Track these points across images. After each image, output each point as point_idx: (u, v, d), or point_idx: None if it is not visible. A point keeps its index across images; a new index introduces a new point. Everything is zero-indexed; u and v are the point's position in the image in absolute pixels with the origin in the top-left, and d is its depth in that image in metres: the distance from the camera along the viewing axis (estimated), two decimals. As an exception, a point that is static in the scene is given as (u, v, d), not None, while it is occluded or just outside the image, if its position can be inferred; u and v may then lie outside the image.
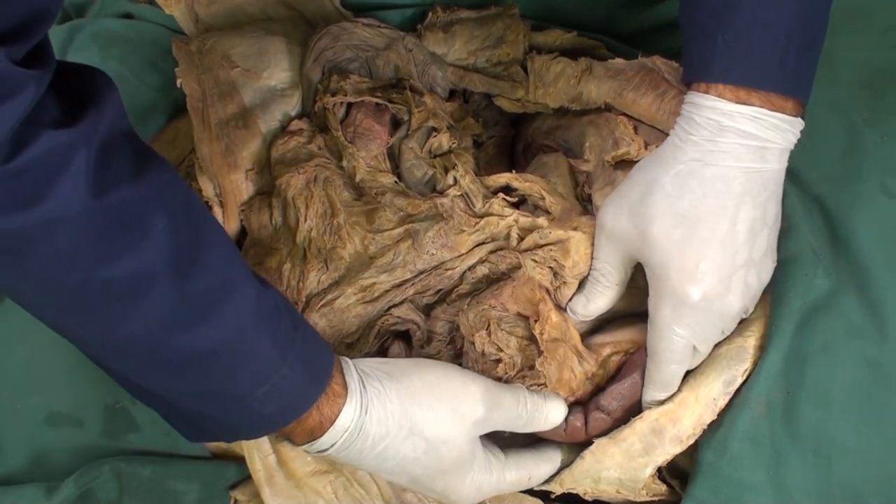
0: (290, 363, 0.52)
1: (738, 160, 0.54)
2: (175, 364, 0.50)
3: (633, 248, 0.58)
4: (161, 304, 0.47)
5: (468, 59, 0.74)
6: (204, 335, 0.49)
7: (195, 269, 0.49)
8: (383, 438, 0.55)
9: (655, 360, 0.59)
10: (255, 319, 0.51)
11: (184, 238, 0.49)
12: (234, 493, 0.67)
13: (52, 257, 0.45)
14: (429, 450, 0.56)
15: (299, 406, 0.53)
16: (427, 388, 0.57)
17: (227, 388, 0.51)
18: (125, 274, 0.46)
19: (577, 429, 0.61)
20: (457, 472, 0.58)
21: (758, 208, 0.55)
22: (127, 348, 0.50)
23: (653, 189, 0.56)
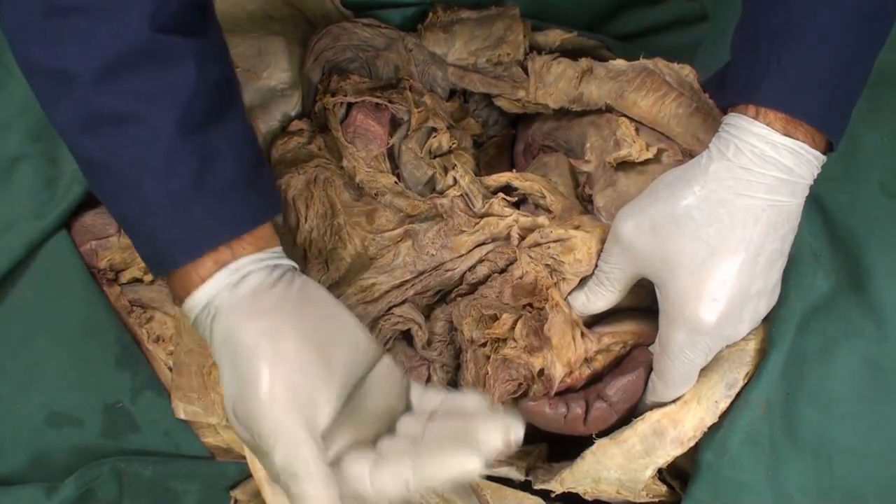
0: (170, 215, 0.51)
1: (771, 193, 0.54)
2: (86, 166, 0.53)
3: (647, 265, 0.58)
4: (75, 103, 0.50)
5: (468, 59, 0.73)
6: (100, 147, 0.51)
7: (117, 86, 0.50)
8: (214, 352, 0.52)
9: (663, 379, 0.59)
10: (151, 156, 0.51)
11: (122, 53, 0.50)
12: (235, 493, 0.67)
13: (11, 22, 0.51)
14: (242, 393, 0.50)
15: (165, 261, 0.53)
16: (241, 356, 0.50)
17: (116, 209, 0.54)
18: (53, 62, 0.50)
19: (578, 416, 0.60)
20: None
21: (778, 240, 0.55)
22: (59, 132, 0.53)
23: (681, 214, 0.56)
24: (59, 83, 0.50)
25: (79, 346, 0.66)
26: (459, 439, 0.48)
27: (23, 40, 0.51)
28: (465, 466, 0.46)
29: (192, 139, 0.51)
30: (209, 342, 0.53)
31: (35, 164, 0.70)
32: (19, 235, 0.67)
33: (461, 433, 0.48)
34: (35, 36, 0.50)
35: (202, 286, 0.52)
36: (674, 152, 0.66)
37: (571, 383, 0.61)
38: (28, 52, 0.51)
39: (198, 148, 0.52)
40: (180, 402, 0.66)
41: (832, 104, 0.53)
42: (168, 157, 0.51)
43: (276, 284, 0.52)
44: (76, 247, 0.68)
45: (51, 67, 0.50)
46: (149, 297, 0.68)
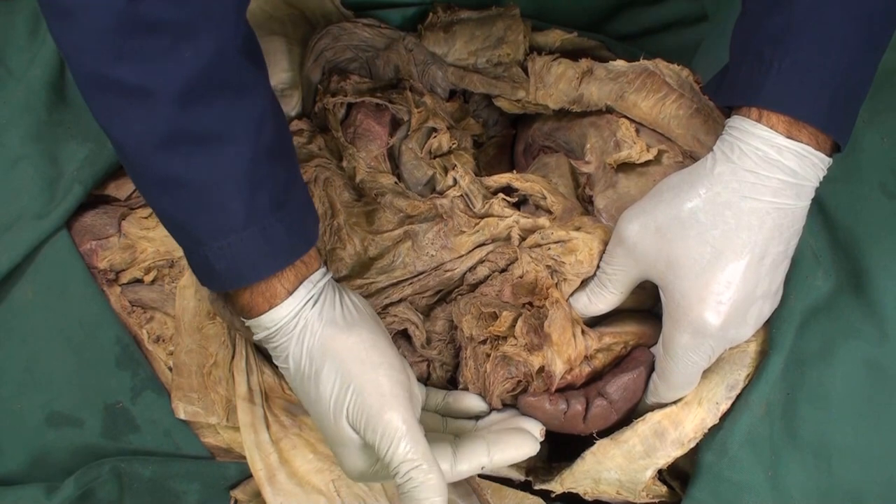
0: (251, 233, 0.54)
1: (776, 196, 0.54)
2: (154, 181, 0.53)
3: (651, 267, 0.58)
4: (154, 121, 0.50)
5: (468, 59, 0.73)
6: (179, 163, 0.51)
7: (201, 106, 0.51)
8: (296, 364, 0.57)
9: (666, 381, 0.59)
10: (236, 177, 0.52)
11: (206, 74, 0.50)
12: (235, 493, 0.67)
13: (81, 39, 0.49)
14: (319, 408, 0.56)
15: (245, 276, 0.55)
16: (352, 362, 0.56)
17: (189, 225, 0.54)
18: (133, 79, 0.49)
19: (578, 413, 0.60)
20: (340, 446, 0.57)
21: (783, 243, 0.55)
22: (122, 152, 0.53)
23: (684, 215, 0.56)
24: (135, 100, 0.50)
25: (79, 346, 0.66)
26: (517, 430, 0.60)
27: (92, 53, 0.49)
28: (530, 449, 0.59)
29: (269, 163, 0.54)
30: (291, 350, 0.57)
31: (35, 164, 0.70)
32: (19, 235, 0.67)
33: (515, 426, 0.61)
34: (111, 50, 0.49)
35: (289, 298, 0.56)
36: (674, 154, 0.66)
37: (571, 380, 0.61)
38: (98, 65, 0.49)
39: (275, 171, 0.55)
40: (180, 402, 0.66)
41: (836, 106, 0.53)
42: (251, 177, 0.53)
43: (342, 297, 0.59)
44: (76, 247, 0.68)
45: (128, 83, 0.49)
46: (149, 298, 0.68)
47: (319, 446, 0.64)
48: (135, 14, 0.48)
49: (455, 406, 0.65)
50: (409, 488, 0.52)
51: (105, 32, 0.48)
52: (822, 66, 0.52)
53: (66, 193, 0.68)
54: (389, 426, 0.53)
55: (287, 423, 0.65)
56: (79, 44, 0.49)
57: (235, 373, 0.66)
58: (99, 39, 0.48)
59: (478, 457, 0.58)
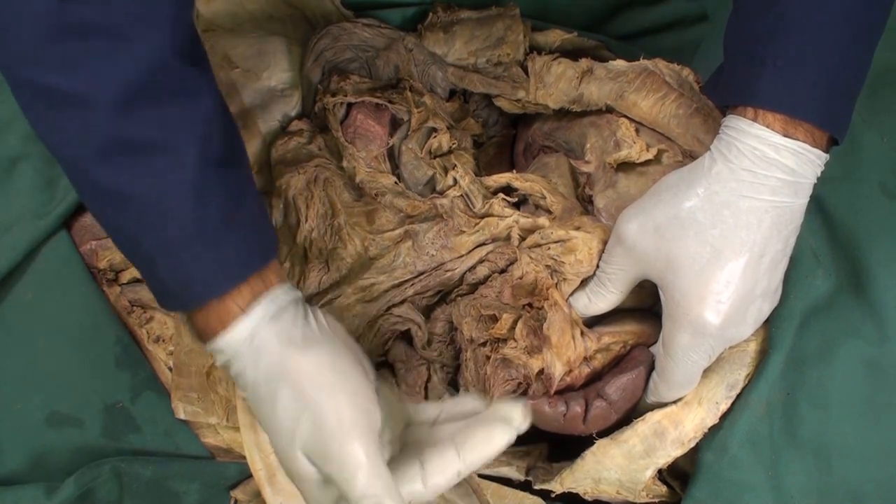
0: (202, 247, 0.50)
1: (774, 194, 0.53)
2: (97, 196, 0.50)
3: (651, 267, 0.58)
4: (92, 130, 0.48)
5: (468, 59, 0.73)
6: (122, 175, 0.49)
7: (140, 113, 0.48)
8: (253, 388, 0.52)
9: (666, 381, 0.59)
10: (181, 188, 0.49)
11: (145, 79, 0.48)
12: (235, 493, 0.67)
13: (13, 48, 0.47)
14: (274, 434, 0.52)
15: (196, 296, 0.51)
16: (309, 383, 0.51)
17: (136, 241, 0.51)
18: (67, 86, 0.47)
19: (578, 415, 0.60)
20: (295, 475, 0.52)
21: (781, 241, 0.55)
22: (63, 164, 0.50)
23: (683, 214, 0.56)
24: (71, 108, 0.47)
25: (79, 346, 0.67)
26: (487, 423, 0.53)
27: (26, 61, 0.47)
28: (504, 438, 0.52)
29: (217, 172, 0.51)
30: (247, 375, 0.52)
31: (35, 164, 0.70)
32: (19, 235, 0.68)
33: (486, 419, 0.54)
34: (44, 57, 0.47)
35: (244, 318, 0.51)
36: (674, 153, 0.66)
37: (571, 382, 0.61)
38: (32, 73, 0.47)
39: (224, 181, 0.51)
40: (180, 402, 0.66)
41: (832, 101, 0.53)
42: (197, 188, 0.50)
43: (307, 315, 0.53)
44: (76, 247, 0.68)
45: (62, 91, 0.47)
46: (149, 298, 0.68)
47: (319, 446, 0.64)
48: (65, 18, 0.46)
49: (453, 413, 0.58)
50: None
51: (37, 38, 0.46)
52: (815, 62, 0.52)
53: (66, 193, 0.68)
54: (348, 458, 0.49)
55: (287, 423, 0.65)
56: (12, 51, 0.47)
57: (235, 373, 0.66)
58: (32, 46, 0.46)
59: (449, 464, 0.52)
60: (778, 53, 0.52)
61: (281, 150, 0.70)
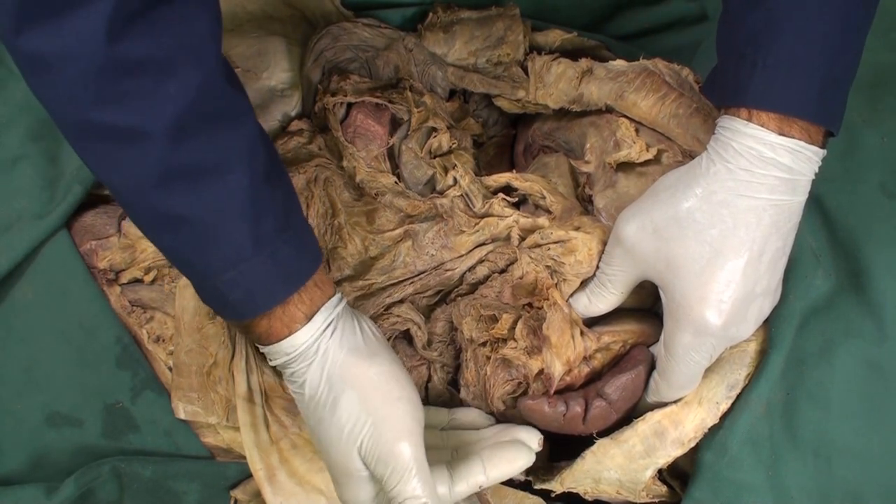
0: (261, 259, 0.54)
1: (772, 192, 0.54)
2: (156, 221, 0.53)
3: (650, 267, 0.58)
4: (148, 160, 0.50)
5: (468, 59, 0.73)
6: (180, 201, 0.51)
7: (193, 140, 0.51)
8: (312, 389, 0.57)
9: (668, 381, 0.59)
10: (238, 206, 0.53)
11: (194, 107, 0.50)
12: (235, 493, 0.67)
13: (63, 88, 0.48)
14: (330, 437, 0.56)
15: (260, 303, 0.55)
16: (370, 389, 0.56)
17: (197, 260, 0.54)
18: (122, 122, 0.49)
19: (577, 415, 0.60)
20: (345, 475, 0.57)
21: (781, 239, 0.55)
22: (118, 195, 0.53)
23: (682, 214, 0.56)
24: (126, 142, 0.50)
25: (79, 346, 0.66)
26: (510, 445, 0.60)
27: (77, 101, 0.49)
28: (525, 461, 0.59)
29: (268, 188, 0.54)
30: (309, 377, 0.57)
31: (35, 164, 0.70)
32: (19, 235, 0.67)
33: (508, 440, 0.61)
34: (95, 96, 0.48)
35: (308, 324, 0.56)
36: (674, 153, 0.66)
37: (571, 381, 0.61)
38: (83, 112, 0.49)
39: (273, 195, 0.55)
40: (180, 402, 0.66)
41: (824, 96, 0.53)
42: (253, 205, 0.53)
43: (360, 323, 0.59)
44: (76, 247, 0.68)
45: (116, 126, 0.49)
46: (149, 297, 0.68)
47: (319, 446, 0.64)
48: (115, 56, 0.47)
49: (461, 421, 0.66)
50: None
51: (87, 79, 0.48)
52: (805, 58, 0.52)
53: (66, 193, 0.68)
54: (401, 461, 0.54)
55: (287, 422, 0.65)
56: (61, 95, 0.49)
57: (235, 372, 0.66)
58: (82, 87, 0.48)
59: (474, 476, 0.59)
60: (768, 52, 0.52)
61: (281, 149, 0.70)
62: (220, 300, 0.56)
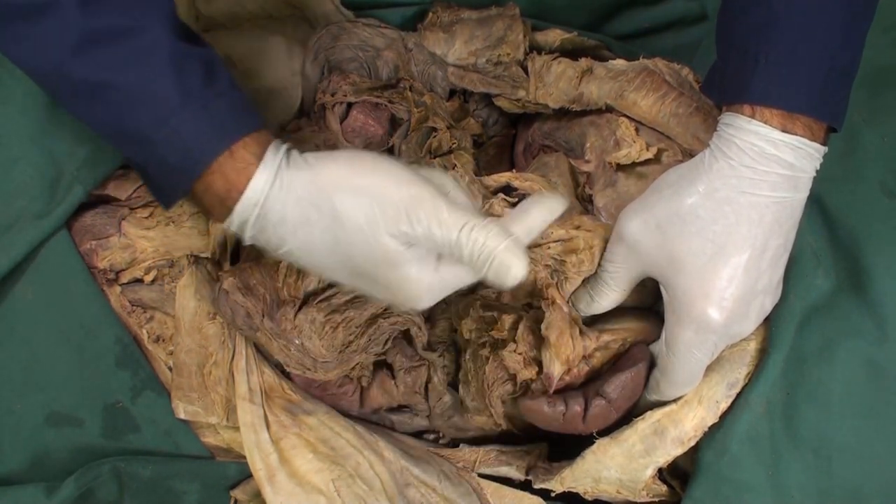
0: (192, 111, 0.52)
1: (774, 189, 0.54)
2: (80, 94, 0.53)
3: (653, 264, 0.58)
4: (62, 31, 0.50)
5: (468, 59, 0.73)
6: (100, 66, 0.51)
7: (105, 3, 0.51)
8: (304, 225, 0.53)
9: (668, 379, 0.59)
10: (161, 62, 0.52)
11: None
12: (235, 493, 0.67)
13: None
14: (352, 243, 0.53)
15: (200, 157, 0.53)
16: (355, 177, 0.53)
17: (131, 125, 0.53)
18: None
19: (577, 414, 0.60)
20: (395, 269, 0.53)
21: (782, 236, 0.55)
22: (40, 75, 0.53)
23: (684, 211, 0.56)
24: (37, 15, 0.50)
25: (79, 346, 0.66)
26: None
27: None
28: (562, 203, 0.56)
29: (189, 47, 0.54)
30: (289, 211, 0.53)
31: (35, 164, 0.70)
32: (19, 235, 0.67)
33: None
34: None
35: (262, 164, 0.53)
36: (674, 152, 0.66)
37: (570, 381, 0.61)
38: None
39: (197, 54, 0.54)
40: (180, 401, 0.66)
41: (827, 92, 0.53)
42: (174, 60, 0.52)
43: (306, 153, 0.55)
44: (76, 247, 0.68)
45: (27, 2, 0.50)
46: (149, 297, 0.68)
47: (319, 446, 0.64)
48: None
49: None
50: (478, 250, 0.51)
51: None
52: (807, 54, 0.52)
53: (66, 193, 0.68)
54: (424, 205, 0.51)
55: (287, 422, 0.65)
56: None
57: (235, 372, 0.66)
58: None
59: (525, 219, 0.55)
60: (770, 49, 0.53)
61: (281, 149, 0.70)
62: (163, 170, 0.54)
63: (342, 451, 0.64)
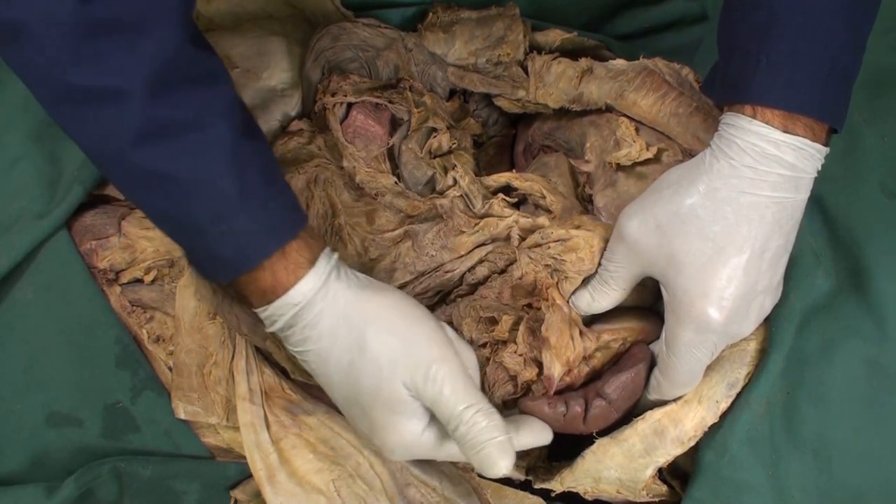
0: (251, 211, 0.53)
1: (775, 190, 0.54)
2: (139, 181, 0.53)
3: (653, 264, 0.58)
4: (129, 118, 0.50)
5: (468, 59, 0.73)
6: (164, 157, 0.52)
7: (172, 96, 0.51)
8: (329, 336, 0.55)
9: (669, 378, 0.59)
10: (223, 159, 0.53)
11: (174, 64, 0.51)
12: (235, 493, 0.67)
13: (38, 53, 0.49)
14: (364, 374, 0.55)
15: (253, 255, 0.54)
16: (395, 316, 0.56)
17: (186, 217, 0.54)
18: (101, 81, 0.49)
19: (578, 415, 0.60)
20: (388, 416, 0.55)
21: (783, 236, 0.55)
22: (100, 157, 0.53)
23: (684, 211, 0.55)
24: (105, 101, 0.50)
25: (79, 346, 0.66)
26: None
27: (53, 64, 0.49)
28: (547, 437, 0.60)
29: (250, 142, 0.54)
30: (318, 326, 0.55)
31: (35, 164, 0.70)
32: (19, 235, 0.68)
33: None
34: (71, 57, 0.49)
35: (313, 269, 0.55)
36: (674, 152, 0.66)
37: (571, 381, 0.61)
38: (62, 77, 0.49)
39: (257, 150, 0.55)
40: (180, 401, 0.66)
41: (829, 92, 0.53)
42: (236, 157, 0.53)
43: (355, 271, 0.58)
44: (76, 247, 0.68)
45: (93, 86, 0.49)
46: (149, 297, 0.68)
47: (319, 446, 0.64)
48: (88, 17, 0.48)
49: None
50: (475, 432, 0.53)
51: (62, 41, 0.48)
52: (809, 55, 0.52)
53: (66, 193, 0.68)
54: (445, 369, 0.53)
55: (287, 422, 0.65)
56: (35, 59, 0.49)
57: (235, 373, 0.66)
58: (58, 49, 0.48)
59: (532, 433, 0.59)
60: (772, 49, 0.53)
61: (281, 150, 0.70)
62: (212, 259, 0.55)
63: (342, 451, 0.64)
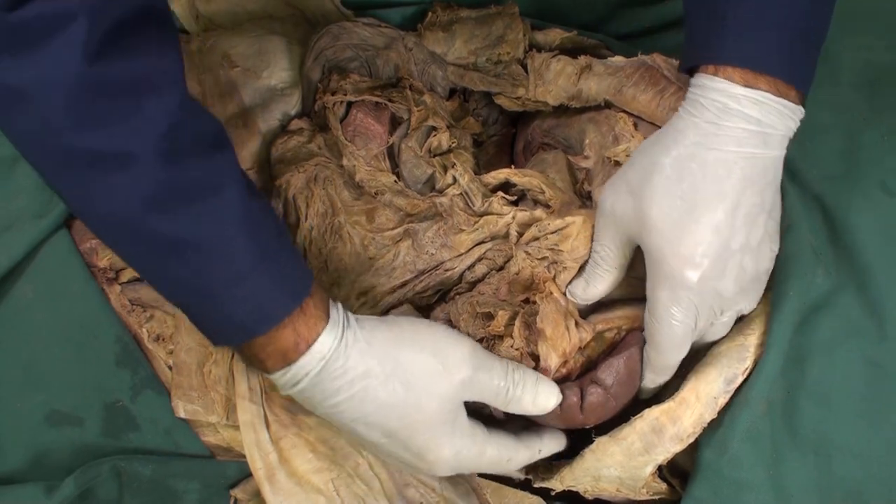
0: (267, 270, 0.53)
1: (740, 145, 0.54)
2: (152, 248, 0.51)
3: (631, 230, 0.58)
4: (140, 183, 0.49)
5: (468, 58, 0.74)
6: (179, 223, 0.50)
7: (185, 160, 0.50)
8: (363, 377, 0.55)
9: (654, 345, 0.59)
10: (238, 220, 0.52)
11: (180, 126, 0.50)
12: (235, 492, 0.67)
13: (44, 117, 0.47)
14: (408, 398, 0.55)
15: (272, 315, 0.53)
16: (415, 336, 0.57)
17: (201, 282, 0.52)
18: (109, 145, 0.48)
19: (574, 405, 0.60)
20: (436, 431, 0.56)
21: (756, 195, 0.55)
22: (107, 225, 0.51)
23: (653, 171, 0.56)
24: (115, 165, 0.48)
25: (79, 346, 0.67)
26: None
27: (59, 130, 0.47)
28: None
29: (258, 202, 0.54)
30: (347, 373, 0.55)
31: (35, 163, 0.70)
32: (19, 235, 0.68)
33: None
34: (78, 121, 0.47)
35: (330, 321, 0.55)
36: (673, 148, 0.66)
37: (567, 373, 0.61)
38: (69, 141, 0.47)
39: (264, 208, 0.55)
40: (180, 400, 0.66)
41: (791, 52, 0.53)
42: (249, 219, 0.52)
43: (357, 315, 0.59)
44: (76, 246, 0.68)
45: (102, 150, 0.48)
46: (149, 296, 0.68)
47: (319, 446, 0.64)
48: (93, 79, 0.47)
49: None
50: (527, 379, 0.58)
51: (67, 104, 0.46)
52: (772, 15, 0.53)
53: (66, 193, 0.68)
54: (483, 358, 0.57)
55: (287, 422, 0.65)
56: (40, 125, 0.47)
57: (235, 371, 0.66)
58: (63, 113, 0.47)
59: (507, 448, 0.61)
60: (735, 11, 0.53)
61: (280, 148, 0.70)
62: (224, 323, 0.54)
63: (342, 450, 0.64)
